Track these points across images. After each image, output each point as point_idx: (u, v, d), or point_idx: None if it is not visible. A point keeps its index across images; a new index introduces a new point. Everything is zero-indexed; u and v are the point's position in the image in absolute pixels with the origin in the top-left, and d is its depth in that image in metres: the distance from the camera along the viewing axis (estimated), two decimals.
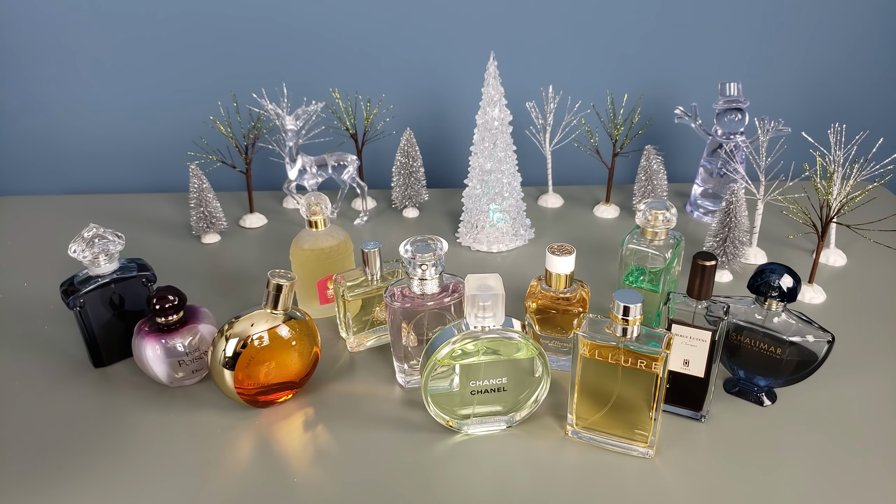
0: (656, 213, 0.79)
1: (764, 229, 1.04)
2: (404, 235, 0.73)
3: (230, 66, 1.16)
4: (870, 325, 0.85)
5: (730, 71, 1.20)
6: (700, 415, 0.70)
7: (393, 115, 1.18)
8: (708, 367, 0.67)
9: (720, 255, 0.93)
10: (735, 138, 1.05)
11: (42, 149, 1.22)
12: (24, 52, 1.12)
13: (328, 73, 1.17)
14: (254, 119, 1.08)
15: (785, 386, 0.72)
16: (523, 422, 0.70)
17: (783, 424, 0.70)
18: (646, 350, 0.61)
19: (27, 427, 0.70)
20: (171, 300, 0.71)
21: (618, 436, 0.67)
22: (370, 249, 0.77)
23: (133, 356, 0.75)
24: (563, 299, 0.74)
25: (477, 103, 0.97)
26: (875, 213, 1.00)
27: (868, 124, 1.01)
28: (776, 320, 0.69)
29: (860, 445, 0.67)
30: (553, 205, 1.18)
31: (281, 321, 0.70)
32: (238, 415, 0.72)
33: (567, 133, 1.14)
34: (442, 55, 1.19)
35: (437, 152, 1.26)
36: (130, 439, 0.69)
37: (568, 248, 0.74)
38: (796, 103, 1.26)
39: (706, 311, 0.67)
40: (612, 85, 1.17)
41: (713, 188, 1.11)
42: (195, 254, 1.04)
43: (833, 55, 1.22)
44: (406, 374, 0.75)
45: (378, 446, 0.68)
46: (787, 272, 0.68)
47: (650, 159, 1.10)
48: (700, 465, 0.65)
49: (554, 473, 0.65)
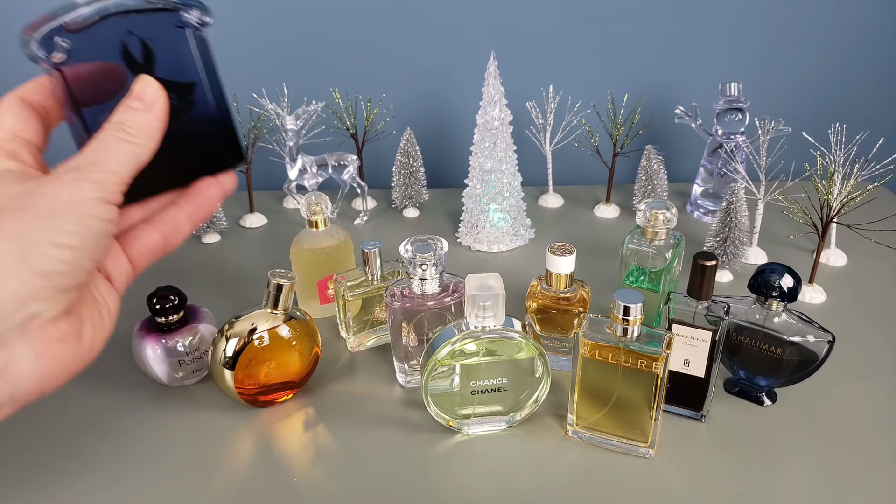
0: (657, 212, 0.79)
1: (764, 229, 1.04)
2: (404, 235, 0.73)
3: (230, 65, 1.15)
4: (870, 325, 0.85)
5: (730, 71, 1.20)
6: (700, 415, 0.70)
7: (393, 115, 1.18)
8: (708, 367, 0.67)
9: (720, 255, 0.93)
10: (735, 138, 1.05)
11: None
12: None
13: (328, 73, 1.17)
14: (254, 119, 1.08)
15: (785, 386, 0.71)
16: (524, 422, 0.70)
17: (784, 424, 0.70)
18: (646, 350, 0.61)
19: (25, 427, 0.70)
20: (171, 300, 0.71)
21: (618, 436, 0.67)
22: (370, 249, 0.77)
23: (133, 356, 0.74)
24: (564, 299, 0.74)
25: (477, 103, 0.97)
26: (876, 213, 1.00)
27: (868, 124, 1.01)
28: (777, 320, 0.69)
29: (861, 445, 0.67)
30: (553, 205, 1.18)
31: (281, 321, 0.70)
32: (238, 414, 0.72)
33: (567, 133, 1.14)
34: (442, 55, 1.18)
35: (438, 152, 1.26)
36: (130, 439, 0.69)
37: (568, 248, 0.74)
38: (797, 103, 1.26)
39: (706, 311, 0.67)
40: (612, 85, 1.17)
41: (713, 188, 1.11)
42: (195, 253, 1.04)
43: (834, 55, 1.22)
44: (406, 374, 0.75)
45: (378, 446, 0.68)
46: (788, 272, 0.68)
47: (650, 159, 1.10)
48: (701, 465, 0.65)
49: (554, 473, 0.65)
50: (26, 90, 0.40)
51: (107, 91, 0.38)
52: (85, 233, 0.35)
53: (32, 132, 0.39)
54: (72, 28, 0.36)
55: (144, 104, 0.38)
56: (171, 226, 0.44)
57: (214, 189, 0.45)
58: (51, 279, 0.34)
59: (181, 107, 0.40)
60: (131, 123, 0.38)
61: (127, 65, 0.38)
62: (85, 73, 0.37)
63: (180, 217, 0.44)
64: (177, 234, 0.44)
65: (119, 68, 0.38)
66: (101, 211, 0.36)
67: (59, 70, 0.36)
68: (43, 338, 0.35)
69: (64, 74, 0.36)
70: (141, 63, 0.38)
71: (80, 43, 0.36)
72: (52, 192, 0.35)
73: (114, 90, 0.38)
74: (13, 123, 0.39)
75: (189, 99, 0.40)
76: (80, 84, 0.37)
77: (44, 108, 0.40)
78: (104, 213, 0.36)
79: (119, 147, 0.37)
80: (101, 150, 0.37)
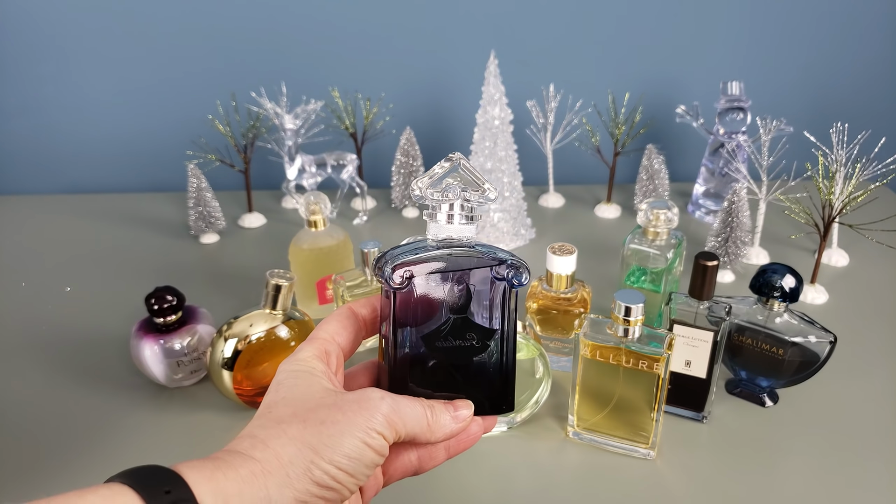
0: (658, 212, 0.78)
1: (766, 229, 1.04)
2: (404, 235, 0.73)
3: (229, 65, 1.16)
4: (872, 325, 0.85)
5: (732, 70, 1.20)
6: (702, 416, 0.70)
7: (393, 115, 1.17)
8: (710, 367, 0.67)
9: (722, 255, 0.92)
10: (737, 138, 1.05)
11: (40, 148, 1.21)
12: (22, 51, 1.11)
13: (327, 72, 1.17)
14: (252, 118, 1.08)
15: (787, 386, 0.71)
16: (524, 423, 0.70)
17: (785, 425, 0.70)
18: (647, 351, 0.61)
19: (24, 427, 0.70)
20: (169, 300, 0.71)
21: (619, 437, 0.66)
22: (370, 249, 0.77)
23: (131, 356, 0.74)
24: (564, 299, 0.74)
25: (477, 102, 0.97)
26: (877, 213, 0.99)
27: (870, 124, 1.00)
28: (778, 321, 0.68)
29: (863, 446, 0.67)
30: (554, 204, 1.18)
31: (280, 321, 0.69)
32: (237, 415, 0.71)
33: (568, 132, 1.14)
34: (442, 54, 1.18)
35: (438, 151, 1.26)
36: (128, 440, 0.68)
37: (569, 248, 0.73)
38: (798, 102, 1.25)
39: (708, 311, 0.66)
40: (613, 84, 1.16)
41: (715, 188, 1.10)
42: (193, 253, 1.03)
43: (835, 54, 1.21)
44: None
45: None
46: (790, 272, 0.67)
47: (652, 159, 1.09)
48: (702, 466, 0.65)
49: (555, 475, 0.64)
50: (358, 304, 0.46)
51: (420, 317, 0.43)
52: (360, 461, 0.38)
53: (347, 338, 0.44)
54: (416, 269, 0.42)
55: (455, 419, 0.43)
56: (429, 452, 0.46)
57: (477, 428, 0.46)
58: (322, 492, 0.37)
59: (479, 349, 0.44)
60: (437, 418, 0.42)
61: (447, 303, 0.43)
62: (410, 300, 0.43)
63: (439, 447, 0.46)
64: (431, 461, 0.46)
65: (438, 303, 0.43)
66: (380, 447, 0.39)
67: (395, 292, 0.42)
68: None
69: (396, 297, 0.42)
70: (460, 305, 0.43)
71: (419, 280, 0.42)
72: (350, 417, 0.38)
73: (426, 318, 0.43)
74: (335, 328, 0.44)
75: (487, 343, 0.44)
76: (404, 308, 0.42)
77: (366, 321, 0.45)
78: (382, 449, 0.39)
79: (418, 414, 0.41)
80: (405, 402, 0.41)
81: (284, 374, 0.42)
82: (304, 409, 0.39)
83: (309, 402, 0.39)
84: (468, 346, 0.44)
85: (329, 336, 0.43)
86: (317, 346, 0.43)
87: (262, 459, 0.36)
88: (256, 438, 0.37)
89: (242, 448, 0.37)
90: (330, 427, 0.38)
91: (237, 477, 0.35)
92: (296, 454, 0.37)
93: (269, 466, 0.36)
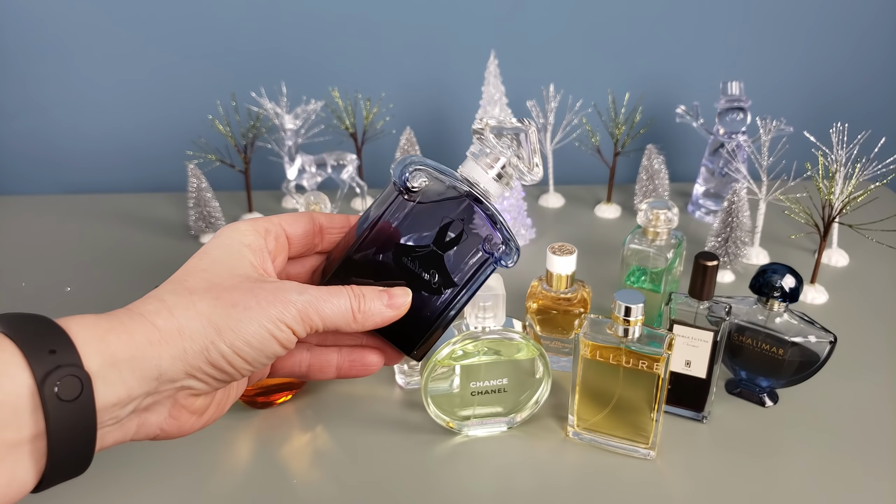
0: (658, 212, 0.78)
1: (766, 229, 1.04)
2: None
3: (229, 65, 1.16)
4: (872, 325, 0.85)
5: (732, 70, 1.20)
6: (702, 416, 0.70)
7: (393, 114, 1.17)
8: (710, 367, 0.67)
9: (722, 255, 0.92)
10: (737, 138, 1.05)
11: (40, 148, 1.21)
12: (22, 50, 1.11)
13: (327, 72, 1.17)
14: (252, 118, 1.08)
15: (787, 387, 0.71)
16: (524, 423, 0.70)
17: (785, 425, 0.70)
18: (647, 351, 0.61)
19: None
20: None
21: (619, 437, 0.66)
22: None
23: None
24: (564, 299, 0.74)
25: (477, 102, 0.97)
26: (878, 213, 0.99)
27: (870, 124, 1.00)
28: (778, 321, 0.68)
29: (863, 447, 0.67)
30: (554, 204, 1.18)
31: None
32: (237, 415, 0.71)
33: (568, 132, 1.14)
34: (442, 53, 1.18)
35: (438, 151, 1.25)
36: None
37: (569, 248, 0.73)
38: (798, 102, 1.25)
39: (708, 311, 0.66)
40: (613, 84, 1.16)
41: (715, 188, 1.10)
42: (193, 253, 1.03)
43: (835, 54, 1.21)
44: (406, 375, 0.75)
45: (378, 447, 0.67)
46: (790, 272, 0.67)
47: (652, 159, 1.09)
48: (702, 467, 0.65)
49: (555, 475, 0.64)
50: (323, 216, 0.45)
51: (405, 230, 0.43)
52: (261, 350, 0.37)
53: (296, 230, 0.44)
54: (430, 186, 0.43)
55: (390, 307, 0.41)
56: (321, 362, 0.45)
57: (375, 360, 0.45)
58: (215, 372, 0.37)
59: (433, 289, 0.44)
60: (368, 306, 0.40)
61: (438, 232, 0.43)
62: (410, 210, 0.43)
63: (332, 363, 0.45)
64: (320, 373, 0.45)
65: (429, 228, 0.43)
66: (286, 340, 0.38)
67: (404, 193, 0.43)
68: (181, 405, 0.38)
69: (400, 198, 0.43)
70: (446, 242, 0.44)
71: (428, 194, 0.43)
72: (263, 306, 0.37)
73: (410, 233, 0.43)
74: (287, 218, 0.44)
75: (441, 290, 0.44)
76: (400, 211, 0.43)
77: (321, 227, 0.45)
78: (288, 342, 0.38)
79: (342, 307, 0.39)
80: (327, 297, 0.39)
81: (215, 244, 0.41)
82: (220, 287, 0.37)
83: (228, 280, 0.38)
84: (425, 280, 0.44)
85: (277, 220, 0.43)
86: (260, 223, 0.42)
87: (162, 329, 0.35)
88: (163, 304, 0.36)
89: (145, 311, 0.35)
90: (241, 312, 0.36)
91: (131, 342, 0.34)
92: (198, 331, 0.35)
93: (167, 337, 0.35)
